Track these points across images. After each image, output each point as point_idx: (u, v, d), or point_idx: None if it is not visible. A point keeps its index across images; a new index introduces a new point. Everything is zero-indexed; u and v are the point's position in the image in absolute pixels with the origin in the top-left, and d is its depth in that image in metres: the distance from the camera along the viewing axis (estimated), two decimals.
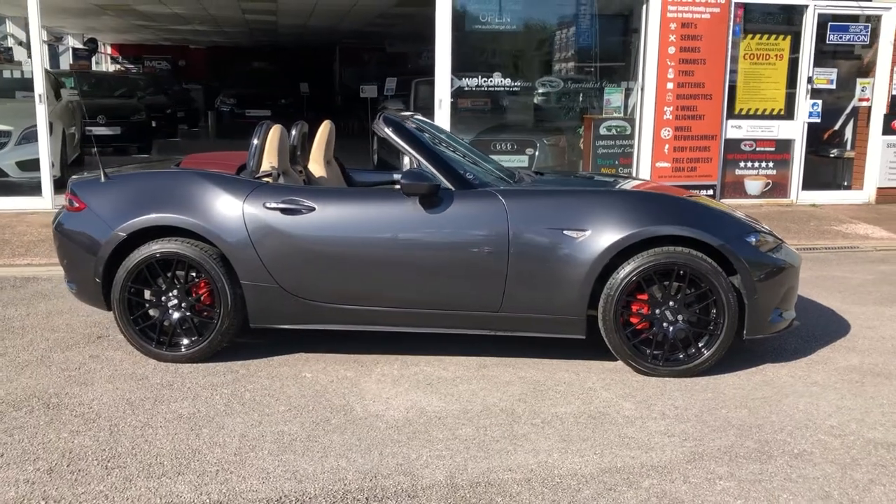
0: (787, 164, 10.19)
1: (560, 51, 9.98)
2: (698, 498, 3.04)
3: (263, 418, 3.76)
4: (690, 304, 4.31)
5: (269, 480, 3.16)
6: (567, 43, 9.92)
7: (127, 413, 3.80)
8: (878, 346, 4.90)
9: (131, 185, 4.68)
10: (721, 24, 9.55)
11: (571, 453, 3.42)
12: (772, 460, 3.35)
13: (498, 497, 3.04)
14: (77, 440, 3.49)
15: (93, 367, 4.42)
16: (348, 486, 3.12)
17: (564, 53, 9.98)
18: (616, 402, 3.99)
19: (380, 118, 4.71)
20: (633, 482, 3.16)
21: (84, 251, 4.61)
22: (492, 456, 3.39)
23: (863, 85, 10.29)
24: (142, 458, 3.34)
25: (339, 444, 3.49)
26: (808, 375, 4.38)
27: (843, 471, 3.26)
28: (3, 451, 3.38)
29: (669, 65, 9.52)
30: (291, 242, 4.39)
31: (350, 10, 15.08)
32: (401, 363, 4.54)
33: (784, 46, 9.94)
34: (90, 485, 3.10)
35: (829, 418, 3.80)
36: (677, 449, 3.46)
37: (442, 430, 3.65)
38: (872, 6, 9.92)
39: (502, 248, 4.30)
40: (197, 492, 3.06)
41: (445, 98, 9.15)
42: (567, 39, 9.89)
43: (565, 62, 9.94)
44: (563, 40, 9.90)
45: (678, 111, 9.65)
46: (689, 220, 4.33)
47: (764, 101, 10.01)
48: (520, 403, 3.97)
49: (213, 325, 4.47)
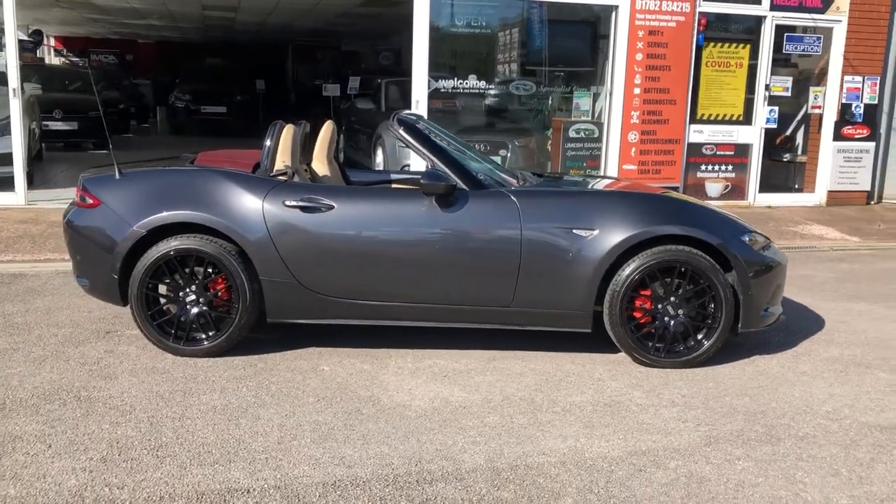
0: (746, 167, 10.65)
1: (532, 55, 10.24)
2: (722, 477, 3.29)
3: (296, 409, 3.89)
4: (690, 300, 4.58)
5: (320, 466, 3.30)
6: (539, 48, 10.19)
7: (160, 405, 3.89)
8: (853, 338, 5.26)
9: (148, 182, 4.74)
10: (685, 33, 9.94)
11: (596, 438, 3.65)
12: (781, 442, 3.63)
13: (539, 478, 3.25)
14: (120, 431, 3.58)
15: (111, 362, 4.48)
16: (396, 470, 3.29)
17: (536, 58, 10.24)
18: (626, 391, 4.24)
19: (394, 119, 4.87)
20: (660, 463, 3.40)
21: (99, 247, 4.66)
22: (523, 441, 3.59)
23: (815, 93, 10.82)
24: (189, 447, 3.44)
25: (376, 432, 3.65)
26: (796, 366, 4.70)
27: (847, 451, 3.57)
28: (51, 442, 3.45)
29: (636, 71, 9.88)
30: (311, 239, 4.52)
31: (313, 8, 15.12)
32: (413, 357, 4.71)
33: (744, 55, 10.39)
34: (147, 472, 3.21)
35: (824, 404, 4.11)
36: (693, 433, 3.72)
37: (470, 418, 3.84)
38: (825, 18, 10.45)
39: (515, 245, 4.51)
40: (253, 478, 3.19)
41: (423, 99, 9.33)
42: (539, 44, 10.15)
43: (537, 66, 10.20)
44: (535, 45, 10.16)
45: (644, 115, 10.01)
46: (690, 221, 4.61)
47: (724, 106, 10.45)
48: (537, 393, 4.18)
49: (231, 320, 4.57)
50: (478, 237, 4.55)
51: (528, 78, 10.07)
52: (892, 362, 4.79)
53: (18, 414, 3.73)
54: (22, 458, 3.30)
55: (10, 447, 3.39)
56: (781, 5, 10.26)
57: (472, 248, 4.55)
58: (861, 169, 10.99)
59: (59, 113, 14.69)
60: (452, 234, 4.54)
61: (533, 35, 10.10)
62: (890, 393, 4.29)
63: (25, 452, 3.35)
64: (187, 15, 17.46)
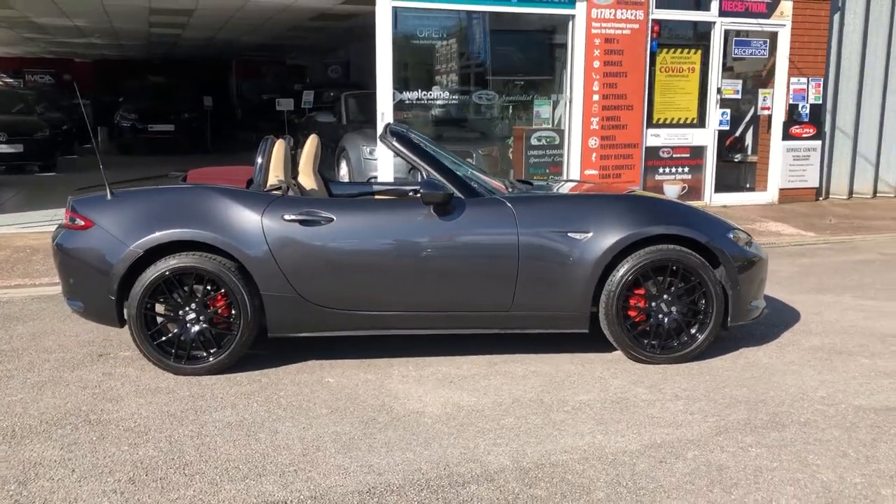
0: (701, 168, 10.97)
1: (493, 65, 10.39)
2: (740, 464, 3.43)
3: (311, 421, 3.92)
4: (682, 297, 4.74)
5: (350, 475, 3.34)
6: (499, 58, 10.35)
7: (175, 424, 3.87)
8: (829, 328, 5.49)
9: (142, 201, 4.71)
10: (640, 39, 10.22)
11: (612, 434, 3.76)
12: (786, 428, 3.80)
13: (567, 475, 3.34)
14: (140, 452, 3.55)
15: (112, 385, 4.43)
16: (426, 475, 3.34)
17: (497, 68, 10.40)
18: (629, 388, 4.37)
19: (387, 130, 4.93)
20: (678, 454, 3.53)
21: (93, 269, 4.60)
22: (543, 441, 3.68)
23: (764, 95, 11.21)
24: (214, 464, 3.44)
25: (396, 439, 3.70)
26: (782, 356, 4.90)
27: (849, 433, 3.74)
28: (73, 466, 3.41)
29: (595, 78, 10.11)
30: (311, 253, 4.55)
31: (265, 23, 15.06)
32: (415, 365, 4.77)
33: (695, 60, 10.72)
34: (179, 490, 3.20)
35: (817, 391, 4.30)
36: (702, 424, 3.85)
37: (485, 421, 3.91)
38: (770, 23, 10.85)
39: (512, 251, 4.61)
40: (286, 490, 3.21)
41: (388, 111, 9.39)
42: (499, 54, 10.31)
43: (498, 76, 10.36)
44: (495, 55, 10.32)
45: (603, 121, 10.25)
46: (679, 220, 4.78)
47: (679, 110, 10.76)
48: (545, 394, 4.28)
49: (233, 336, 4.56)
50: (476, 244, 4.64)
51: (490, 88, 10.21)
52: (870, 349, 5.03)
53: (31, 440, 3.67)
54: (47, 483, 3.26)
55: (32, 473, 3.34)
56: (729, 11, 10.62)
57: (470, 255, 4.63)
58: (809, 167, 11.42)
59: (3, 136, 14.32)
60: (451, 242, 4.61)
61: (493, 45, 10.26)
62: (875, 377, 4.51)
63: (49, 478, 3.30)
64: (132, 32, 17.20)
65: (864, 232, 9.62)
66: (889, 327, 5.49)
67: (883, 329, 5.45)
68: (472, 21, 10.03)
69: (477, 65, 10.29)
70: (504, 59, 10.41)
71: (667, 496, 3.15)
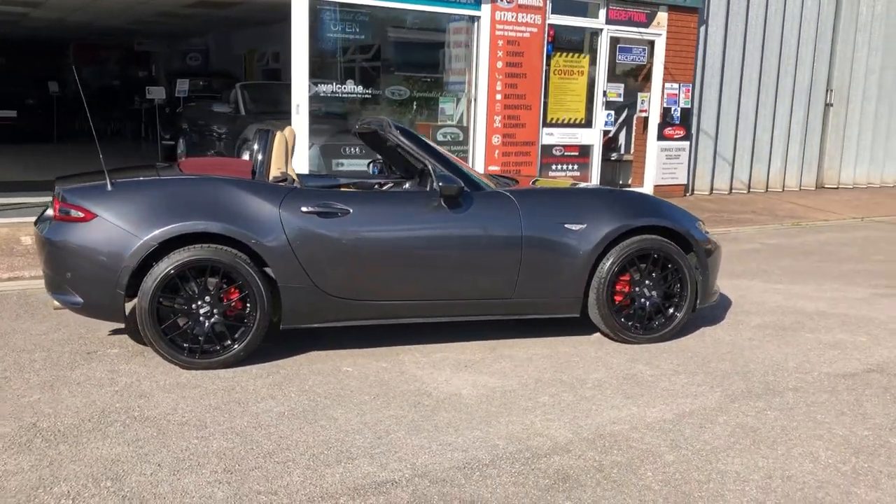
0: (588, 166, 11.71)
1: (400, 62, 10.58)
2: (766, 425, 3.91)
3: (361, 407, 4.02)
4: (661, 282, 5.22)
5: (437, 454, 3.50)
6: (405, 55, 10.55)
7: (227, 417, 3.85)
8: (761, 309, 6.20)
9: (151, 192, 4.56)
10: (538, 42, 10.77)
11: (643, 406, 4.14)
12: (783, 395, 4.34)
13: (630, 442, 3.68)
14: (215, 444, 3.54)
15: (128, 382, 4.30)
16: (506, 449, 3.57)
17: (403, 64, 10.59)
18: (630, 365, 4.79)
19: (390, 125, 5.06)
20: (711, 420, 3.97)
21: (97, 263, 4.43)
22: (589, 414, 4.01)
23: (642, 98, 12.12)
24: (297, 451, 3.49)
25: (456, 420, 3.89)
26: (739, 333, 5.51)
27: (834, 396, 4.35)
28: (155, 461, 3.35)
29: (498, 78, 10.55)
30: (329, 244, 4.61)
31: (134, 6, 14.33)
32: (420, 352, 4.94)
33: (584, 64, 11.43)
34: (283, 478, 3.24)
35: (787, 362, 4.91)
36: (713, 394, 4.33)
37: (523, 400, 4.19)
38: (649, 31, 11.75)
39: (517, 241, 4.90)
40: (386, 470, 3.34)
41: (303, 103, 9.35)
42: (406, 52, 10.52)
43: (405, 72, 10.55)
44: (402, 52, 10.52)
45: (505, 120, 10.71)
46: (660, 213, 5.26)
47: (569, 111, 11.43)
48: (560, 374, 4.60)
49: (249, 329, 4.55)
50: (484, 235, 4.88)
51: (399, 84, 10.40)
52: (806, 325, 5.75)
53: (88, 439, 3.55)
54: (143, 478, 3.19)
55: (118, 470, 3.26)
56: (615, 19, 11.40)
57: (479, 245, 4.87)
58: (679, 165, 12.48)
59: None
60: (461, 233, 4.84)
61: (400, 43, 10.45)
62: (825, 349, 5.19)
63: (140, 473, 3.24)
64: None
65: (736, 224, 10.68)
66: (808, 307, 6.26)
67: (804, 308, 6.22)
68: (382, 18, 10.16)
69: (386, 61, 10.44)
70: (411, 56, 10.62)
71: (725, 455, 3.57)
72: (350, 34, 9.77)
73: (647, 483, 3.28)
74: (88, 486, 3.11)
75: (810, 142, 14.18)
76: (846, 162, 14.83)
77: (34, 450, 3.42)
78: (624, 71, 12.14)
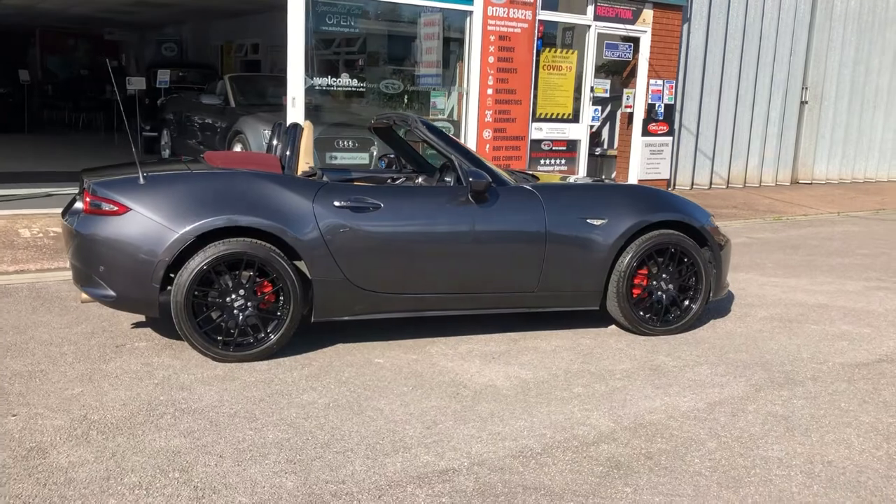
0: (575, 161, 11.87)
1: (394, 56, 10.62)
2: (795, 413, 4.08)
3: (402, 398, 4.10)
4: (677, 275, 5.37)
5: (490, 442, 3.60)
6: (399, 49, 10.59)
7: (275, 408, 3.90)
8: (764, 302, 6.39)
9: (185, 186, 4.58)
10: (528, 38, 10.88)
11: (674, 395, 4.28)
12: (803, 384, 4.52)
13: (670, 431, 3.81)
14: (270, 435, 3.59)
15: (166, 374, 4.32)
16: (554, 438, 3.68)
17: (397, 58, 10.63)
18: (651, 357, 4.93)
19: (417, 121, 5.13)
20: (742, 409, 4.12)
21: (131, 256, 4.44)
22: (625, 404, 4.13)
23: (627, 94, 12.31)
24: (352, 441, 3.56)
25: (499, 410, 3.99)
26: (748, 326, 5.69)
27: (853, 385, 4.53)
28: (216, 451, 3.39)
29: (489, 73, 10.64)
30: (361, 238, 4.68)
31: None
32: (444, 344, 5.03)
33: (572, 59, 11.57)
34: (346, 466, 3.31)
35: (801, 352, 5.09)
36: (738, 384, 4.49)
37: (558, 391, 4.30)
38: (635, 28, 11.93)
39: (541, 235, 5.01)
40: (444, 459, 3.42)
41: (299, 96, 9.35)
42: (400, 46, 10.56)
43: (399, 66, 10.60)
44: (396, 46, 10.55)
45: (496, 114, 10.81)
46: (678, 208, 5.40)
47: (558, 106, 11.57)
48: (587, 365, 4.73)
49: (282, 322, 4.59)
50: (511, 229, 4.98)
51: (393, 77, 10.44)
52: (811, 317, 5.95)
53: (143, 431, 3.58)
54: (208, 469, 3.24)
55: (181, 461, 3.30)
56: (602, 16, 11.56)
57: (505, 239, 4.97)
58: (662, 160, 12.70)
59: None
60: (489, 228, 4.93)
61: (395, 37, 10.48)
62: (832, 340, 5.39)
63: (206, 464, 3.28)
64: None
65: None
66: (808, 300, 6.48)
67: (805, 301, 6.43)
68: (377, 11, 10.19)
69: (380, 54, 10.47)
70: (405, 50, 10.66)
71: (764, 441, 3.72)
72: (345, 27, 9.78)
73: (697, 469, 3.41)
74: (158, 477, 3.15)
75: (786, 138, 14.53)
76: (819, 158, 15.22)
77: (93, 442, 3.44)
78: (610, 67, 12.31)
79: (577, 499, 3.13)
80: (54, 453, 3.33)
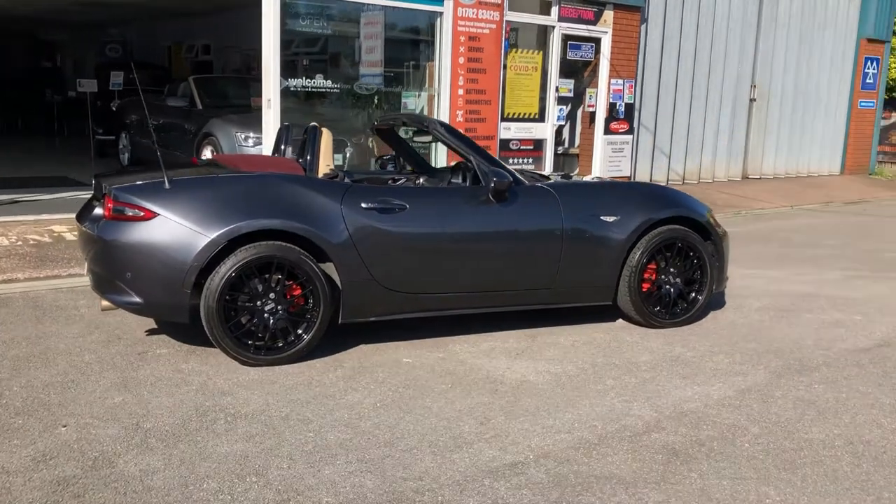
0: (542, 159, 12.04)
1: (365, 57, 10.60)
2: (820, 398, 4.28)
3: (443, 396, 4.16)
4: (683, 269, 5.55)
5: (544, 436, 3.68)
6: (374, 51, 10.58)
7: (324, 410, 3.91)
8: (754, 293, 6.64)
9: (210, 190, 4.54)
10: (496, 39, 11.00)
11: (702, 385, 4.44)
12: (819, 370, 4.73)
13: (711, 418, 3.96)
14: (330, 436, 3.61)
15: (202, 381, 4.28)
16: (605, 429, 3.79)
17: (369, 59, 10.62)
18: (669, 349, 5.09)
19: (434, 122, 5.18)
20: (770, 395, 4.30)
21: (161, 262, 4.38)
22: (659, 395, 4.27)
23: (590, 93, 12.56)
24: (412, 440, 3.60)
25: (542, 404, 4.08)
26: (747, 316, 5.91)
27: (863, 369, 4.76)
28: (288, 454, 3.40)
29: (460, 73, 10.72)
30: (389, 239, 4.71)
31: None
32: (466, 342, 5.10)
33: (538, 60, 11.75)
34: (417, 464, 3.35)
35: (806, 339, 5.33)
36: (759, 372, 4.67)
37: (592, 384, 4.41)
38: (596, 29, 12.18)
39: (559, 233, 5.12)
40: (507, 453, 3.50)
41: (275, 98, 9.26)
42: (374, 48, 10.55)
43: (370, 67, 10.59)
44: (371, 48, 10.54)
45: (467, 114, 10.90)
46: (683, 204, 5.59)
47: (524, 106, 11.72)
48: (610, 359, 4.86)
49: (312, 325, 4.59)
50: (530, 227, 5.08)
51: (369, 79, 10.43)
52: (803, 306, 6.22)
53: (202, 437, 3.55)
54: (283, 472, 3.24)
55: (254, 465, 3.29)
56: (566, 17, 11.77)
57: (525, 237, 5.07)
58: (623, 158, 12.98)
59: None
60: (509, 226, 5.02)
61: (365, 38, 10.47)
62: (830, 328, 5.65)
63: (278, 467, 3.28)
64: None
65: None
66: (795, 290, 6.76)
67: (791, 290, 6.70)
68: (348, 15, 10.16)
69: (350, 56, 10.45)
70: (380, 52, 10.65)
71: (801, 425, 3.90)
72: (319, 29, 9.74)
73: (751, 453, 3.57)
74: (235, 482, 3.14)
75: (737, 135, 15.01)
76: (767, 153, 15.77)
77: (155, 449, 3.41)
78: (573, 67, 12.53)
79: (649, 486, 3.24)
80: (121, 462, 3.28)
